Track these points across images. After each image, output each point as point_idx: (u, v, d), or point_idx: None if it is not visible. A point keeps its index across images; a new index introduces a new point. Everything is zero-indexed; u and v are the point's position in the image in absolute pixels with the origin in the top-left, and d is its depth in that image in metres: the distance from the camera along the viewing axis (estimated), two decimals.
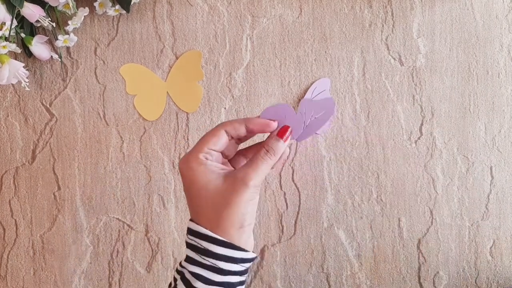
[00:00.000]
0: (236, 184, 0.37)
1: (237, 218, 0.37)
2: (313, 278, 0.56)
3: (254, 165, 0.38)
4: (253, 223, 0.39)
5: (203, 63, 0.56)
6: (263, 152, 0.39)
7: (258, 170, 0.38)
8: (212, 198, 0.37)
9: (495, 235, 0.57)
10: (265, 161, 0.39)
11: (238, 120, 0.40)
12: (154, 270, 0.56)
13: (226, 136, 0.39)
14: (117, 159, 0.56)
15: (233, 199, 0.37)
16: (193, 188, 0.38)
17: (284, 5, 0.56)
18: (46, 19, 0.50)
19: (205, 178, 0.38)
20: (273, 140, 0.40)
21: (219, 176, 0.38)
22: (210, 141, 0.39)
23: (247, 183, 0.37)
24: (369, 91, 0.57)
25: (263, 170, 0.38)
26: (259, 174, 0.38)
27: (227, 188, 0.37)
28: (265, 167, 0.38)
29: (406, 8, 0.57)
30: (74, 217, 0.56)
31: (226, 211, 0.37)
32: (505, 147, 0.57)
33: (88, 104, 0.56)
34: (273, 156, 0.39)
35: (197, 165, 0.38)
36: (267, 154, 0.39)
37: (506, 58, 0.57)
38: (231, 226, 0.37)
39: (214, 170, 0.38)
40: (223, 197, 0.37)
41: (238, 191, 0.37)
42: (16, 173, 0.55)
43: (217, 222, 0.37)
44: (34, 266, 0.56)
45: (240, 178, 0.37)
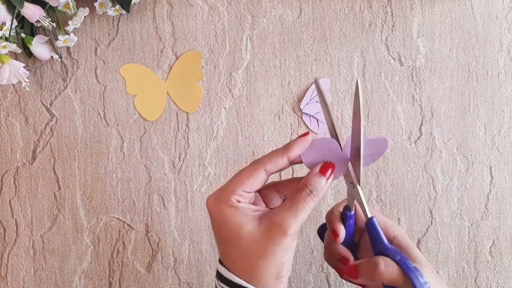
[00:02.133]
0: (274, 231, 0.33)
1: (275, 269, 0.33)
2: (313, 278, 0.57)
3: (294, 209, 0.33)
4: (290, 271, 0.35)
5: (203, 63, 0.56)
6: (305, 194, 0.34)
7: (298, 216, 0.33)
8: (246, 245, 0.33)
9: (495, 235, 0.57)
10: (307, 204, 0.33)
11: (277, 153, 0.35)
12: (154, 269, 0.56)
13: (265, 175, 0.35)
14: (117, 159, 0.56)
15: (270, 248, 0.32)
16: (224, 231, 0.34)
17: (284, 5, 0.56)
18: (46, 19, 0.50)
19: (237, 223, 0.33)
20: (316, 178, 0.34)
21: (253, 219, 0.33)
22: (246, 182, 0.34)
23: (286, 231, 0.32)
24: (368, 91, 0.57)
25: (303, 215, 0.33)
26: (299, 220, 0.33)
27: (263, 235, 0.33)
28: (306, 211, 0.33)
29: (406, 8, 0.57)
30: (75, 217, 0.56)
31: (262, 261, 0.33)
32: (504, 147, 0.57)
33: (88, 104, 0.56)
34: (316, 197, 0.34)
35: (227, 208, 0.34)
36: (310, 195, 0.34)
37: (506, 58, 0.57)
38: (268, 277, 0.33)
39: (247, 213, 0.34)
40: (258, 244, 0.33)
41: (276, 240, 0.32)
42: (17, 173, 0.56)
43: (251, 271, 0.33)
44: (34, 265, 0.56)
45: (278, 225, 0.33)
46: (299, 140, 0.35)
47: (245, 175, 0.34)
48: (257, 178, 0.34)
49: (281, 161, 0.35)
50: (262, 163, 0.35)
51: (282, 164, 0.35)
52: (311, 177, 0.34)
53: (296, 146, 0.35)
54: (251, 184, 0.34)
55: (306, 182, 0.34)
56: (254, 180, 0.34)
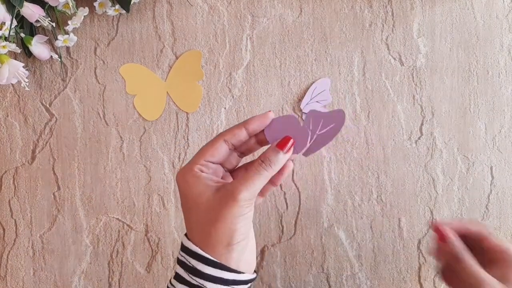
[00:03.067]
0: (225, 198, 0.34)
1: (225, 235, 0.34)
2: (313, 278, 0.56)
3: (245, 177, 0.35)
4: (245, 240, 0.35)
5: (203, 63, 0.56)
6: (257, 163, 0.35)
7: (249, 182, 0.34)
8: (202, 212, 0.35)
9: (495, 235, 0.57)
10: (258, 172, 0.35)
11: (236, 125, 0.37)
12: (154, 270, 0.56)
13: (225, 146, 0.37)
14: (117, 159, 0.56)
15: (220, 213, 0.34)
16: (186, 201, 0.36)
17: (284, 5, 0.56)
18: (46, 19, 0.50)
19: (197, 191, 0.35)
20: (270, 150, 0.36)
21: (211, 189, 0.35)
22: (207, 153, 0.36)
23: (235, 196, 0.33)
24: (369, 91, 0.56)
25: (255, 183, 0.34)
26: (250, 187, 0.34)
27: (217, 202, 0.34)
28: (258, 179, 0.35)
29: (406, 8, 0.57)
30: (74, 217, 0.56)
31: (214, 227, 0.34)
32: (505, 147, 0.57)
33: (88, 104, 0.56)
34: (269, 167, 0.35)
35: (191, 177, 0.35)
36: (261, 165, 0.35)
37: (506, 58, 0.57)
38: (219, 244, 0.34)
39: (208, 183, 0.35)
40: (212, 211, 0.34)
41: (226, 206, 0.34)
42: (16, 173, 0.55)
43: (205, 239, 0.34)
44: (34, 266, 0.56)
45: (230, 191, 0.34)
46: (259, 115, 0.37)
47: (207, 146, 0.37)
48: (218, 148, 0.36)
49: (239, 132, 0.37)
50: (222, 134, 0.37)
51: (241, 135, 0.37)
52: (268, 150, 0.36)
53: (255, 120, 0.37)
54: (212, 153, 0.36)
55: (262, 154, 0.36)
56: (214, 149, 0.36)
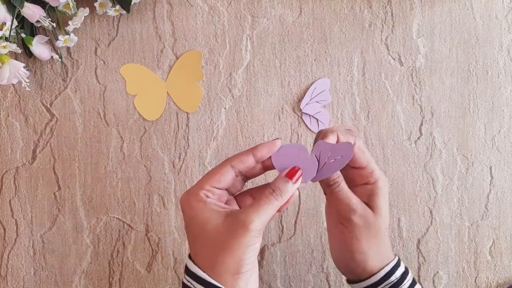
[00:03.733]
0: (236, 226, 0.34)
1: (234, 264, 0.34)
2: (313, 277, 0.57)
3: (256, 206, 0.35)
4: (253, 269, 0.35)
5: (203, 63, 0.56)
6: (268, 192, 0.35)
7: (261, 212, 0.34)
8: (210, 239, 0.35)
9: (495, 235, 0.57)
10: (269, 201, 0.35)
11: (244, 151, 0.37)
12: (154, 270, 0.56)
13: (232, 172, 0.36)
14: (117, 159, 0.56)
15: (230, 242, 0.34)
16: (192, 225, 0.36)
17: (284, 5, 0.56)
18: (46, 19, 0.50)
19: (204, 217, 0.35)
20: (280, 180, 0.36)
21: (220, 216, 0.35)
22: (213, 178, 0.36)
23: (247, 226, 0.33)
24: (368, 91, 0.57)
25: (266, 212, 0.35)
26: (261, 217, 0.34)
27: (226, 230, 0.34)
28: (269, 208, 0.35)
29: (406, 8, 0.57)
30: (75, 217, 0.56)
31: (222, 256, 0.34)
32: (504, 147, 0.57)
33: (88, 104, 0.56)
34: (280, 197, 0.35)
35: (196, 202, 0.35)
36: (272, 194, 0.35)
37: (505, 58, 0.57)
38: (226, 271, 0.34)
39: (214, 209, 0.35)
40: (221, 239, 0.34)
41: (237, 235, 0.34)
42: (17, 173, 0.56)
43: (212, 266, 0.34)
44: (34, 265, 0.56)
45: (241, 220, 0.34)
46: (267, 142, 0.37)
47: (213, 172, 0.36)
48: (224, 174, 0.36)
49: (247, 158, 0.36)
50: (229, 160, 0.37)
51: (248, 162, 0.37)
52: (277, 180, 0.36)
53: (263, 147, 0.37)
54: (219, 179, 0.36)
55: (272, 183, 0.36)
56: (221, 175, 0.36)
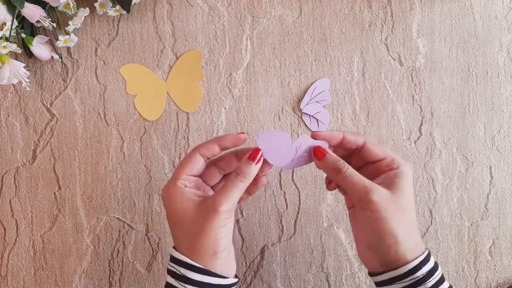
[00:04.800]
0: (208, 211, 0.37)
1: (210, 245, 0.37)
2: (313, 277, 0.57)
3: (224, 190, 0.38)
4: (229, 247, 0.39)
5: (203, 63, 0.56)
6: (233, 176, 0.38)
7: (228, 195, 0.37)
8: (187, 226, 0.38)
9: (495, 235, 0.57)
10: (235, 184, 0.38)
11: (211, 140, 0.40)
12: (154, 269, 0.56)
13: (201, 159, 0.40)
14: (117, 159, 0.56)
15: (204, 226, 0.37)
16: (172, 216, 0.39)
17: (284, 6, 0.56)
18: (46, 20, 0.50)
19: (182, 206, 0.38)
20: (243, 163, 0.39)
21: (195, 203, 0.38)
22: (186, 167, 0.39)
23: (217, 209, 0.37)
24: (368, 91, 0.57)
25: (233, 195, 0.38)
26: (229, 199, 0.37)
27: (200, 215, 0.37)
28: (235, 191, 0.38)
29: (406, 8, 0.57)
30: (75, 216, 0.56)
31: (199, 239, 0.37)
32: (504, 147, 0.57)
33: (88, 104, 0.56)
34: (244, 178, 0.38)
35: (175, 192, 0.39)
36: (237, 177, 0.38)
37: (505, 58, 0.57)
38: (205, 253, 0.37)
39: (191, 198, 0.38)
40: (196, 224, 0.37)
41: (210, 219, 0.37)
42: (17, 173, 0.56)
43: (192, 249, 0.37)
44: (34, 265, 0.56)
45: (211, 205, 0.37)
46: (233, 135, 0.40)
47: (185, 161, 0.40)
48: (195, 162, 0.40)
49: (212, 146, 0.40)
50: (197, 149, 0.40)
51: (215, 150, 0.40)
52: (241, 163, 0.39)
53: (229, 139, 0.40)
54: (192, 167, 0.39)
55: (237, 167, 0.39)
56: (192, 164, 0.39)
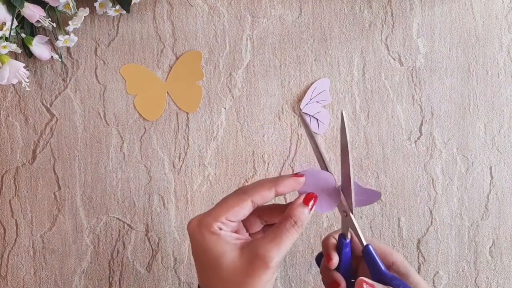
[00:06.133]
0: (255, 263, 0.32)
1: None
2: (313, 278, 0.57)
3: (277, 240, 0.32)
4: None
5: (203, 63, 0.56)
6: (289, 224, 0.33)
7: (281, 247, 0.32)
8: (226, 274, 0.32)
9: (495, 235, 0.57)
10: (290, 235, 0.33)
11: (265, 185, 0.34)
12: (154, 269, 0.56)
13: (251, 206, 0.34)
14: (117, 159, 0.56)
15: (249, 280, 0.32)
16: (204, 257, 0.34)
17: (284, 6, 0.56)
18: (46, 20, 0.50)
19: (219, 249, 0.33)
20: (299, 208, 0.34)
21: (235, 249, 0.33)
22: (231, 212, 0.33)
23: (268, 263, 0.32)
24: (368, 91, 0.57)
25: (287, 247, 0.33)
26: (282, 252, 0.32)
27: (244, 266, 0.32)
28: (290, 242, 0.33)
29: (406, 8, 0.57)
30: (75, 217, 0.56)
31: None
32: (504, 147, 0.57)
33: (88, 104, 0.56)
34: (300, 228, 0.33)
35: (209, 234, 0.33)
36: (294, 226, 0.33)
37: (505, 58, 0.57)
38: None
39: (229, 241, 0.33)
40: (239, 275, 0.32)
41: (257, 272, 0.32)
42: (17, 173, 0.56)
43: None
44: (34, 265, 0.56)
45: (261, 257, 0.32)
46: (291, 178, 0.35)
47: (231, 204, 0.34)
48: (243, 208, 0.34)
49: (269, 194, 0.34)
50: (249, 194, 0.34)
51: (269, 197, 0.34)
52: (295, 207, 0.34)
53: (286, 185, 0.34)
54: (236, 214, 0.34)
55: (291, 212, 0.34)
56: (239, 210, 0.34)
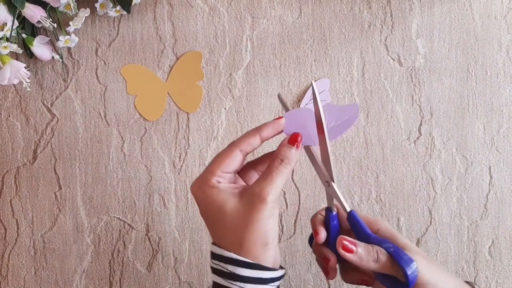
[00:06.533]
0: (254, 202, 0.35)
1: (260, 237, 0.35)
2: (312, 277, 0.57)
3: (269, 178, 0.35)
4: (277, 238, 0.36)
5: (203, 63, 0.56)
6: (277, 163, 0.36)
7: (274, 183, 0.35)
8: (231, 220, 0.35)
9: (494, 235, 0.57)
10: (280, 172, 0.36)
11: (250, 133, 0.37)
12: (154, 269, 0.56)
13: (240, 155, 0.37)
14: (118, 159, 0.56)
15: (252, 218, 0.34)
16: (209, 211, 0.36)
17: (284, 6, 0.57)
18: (47, 20, 0.51)
19: (220, 200, 0.36)
20: (285, 148, 0.37)
21: (234, 196, 0.36)
22: (223, 163, 0.36)
23: (265, 198, 0.34)
24: (368, 92, 0.57)
25: (279, 182, 0.35)
26: (276, 187, 0.35)
27: (245, 207, 0.35)
28: (281, 178, 0.36)
29: (405, 9, 0.57)
30: (75, 216, 0.56)
31: (247, 232, 0.34)
32: (503, 147, 0.57)
33: (89, 104, 0.56)
34: (288, 165, 0.36)
35: (209, 188, 0.36)
36: (281, 164, 0.36)
37: (504, 58, 0.57)
38: (255, 246, 0.35)
39: (228, 190, 0.36)
40: (242, 217, 0.35)
41: (257, 209, 0.34)
42: (18, 173, 0.56)
43: (239, 243, 0.35)
44: (35, 265, 0.56)
45: (257, 195, 0.35)
46: (271, 122, 0.37)
47: (222, 157, 0.37)
48: (234, 158, 0.37)
49: (254, 140, 0.37)
50: (236, 144, 0.37)
51: (255, 143, 0.37)
52: (281, 148, 0.37)
53: (269, 127, 0.37)
54: (229, 164, 0.36)
55: (277, 152, 0.37)
56: (231, 160, 0.36)
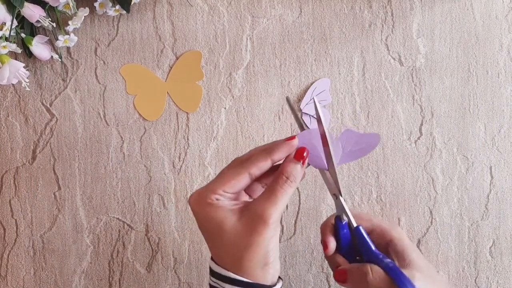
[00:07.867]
0: (255, 223, 0.33)
1: (261, 258, 0.33)
2: (313, 278, 0.57)
3: (273, 198, 0.33)
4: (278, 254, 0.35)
5: (203, 63, 0.56)
6: (282, 180, 0.34)
7: (278, 204, 0.33)
8: (230, 238, 0.34)
9: (495, 235, 0.57)
10: (284, 191, 0.34)
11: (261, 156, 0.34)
12: (154, 270, 0.56)
13: (248, 179, 0.35)
14: (117, 159, 0.56)
15: (253, 239, 0.33)
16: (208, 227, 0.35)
17: (284, 6, 0.56)
18: (46, 19, 0.50)
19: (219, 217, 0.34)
20: (291, 164, 0.34)
21: (234, 213, 0.34)
22: (228, 184, 0.34)
23: (267, 221, 0.33)
24: (368, 91, 0.57)
25: (283, 203, 0.33)
26: (279, 208, 0.33)
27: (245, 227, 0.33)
28: (285, 198, 0.34)
29: (406, 8, 0.57)
30: (75, 217, 0.56)
31: (246, 252, 0.33)
32: (504, 147, 0.57)
33: (88, 104, 0.56)
34: (294, 183, 0.34)
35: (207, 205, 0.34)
36: (286, 182, 0.34)
37: (505, 58, 0.57)
38: (255, 266, 0.33)
39: (227, 207, 0.34)
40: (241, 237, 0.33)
41: (258, 231, 0.33)
42: (17, 173, 0.56)
43: (239, 263, 0.33)
44: (34, 266, 0.56)
45: (259, 216, 0.33)
46: (284, 144, 0.35)
47: (229, 177, 0.34)
48: (241, 181, 0.34)
49: (265, 165, 0.35)
50: (246, 167, 0.34)
51: (266, 167, 0.35)
52: (287, 163, 0.35)
53: (281, 150, 0.35)
54: (234, 186, 0.34)
55: (283, 169, 0.34)
56: (237, 182, 0.34)
